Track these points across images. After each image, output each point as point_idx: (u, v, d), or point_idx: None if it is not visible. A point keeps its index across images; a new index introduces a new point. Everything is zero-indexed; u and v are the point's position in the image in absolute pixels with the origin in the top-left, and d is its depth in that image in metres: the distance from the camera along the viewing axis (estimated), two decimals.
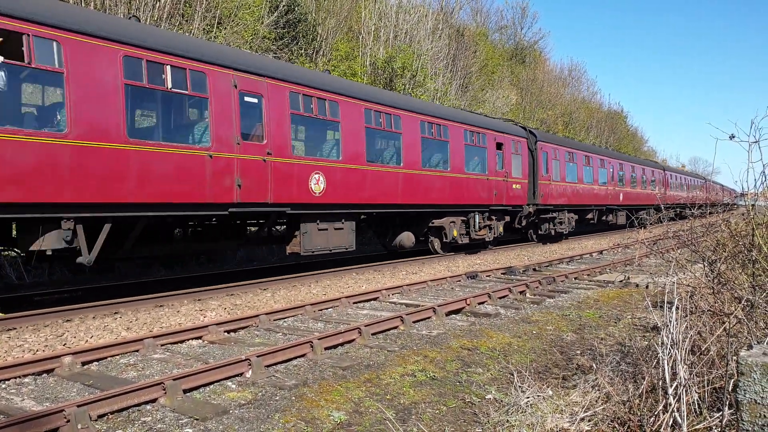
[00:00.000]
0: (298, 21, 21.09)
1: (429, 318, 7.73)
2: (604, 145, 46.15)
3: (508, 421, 3.99)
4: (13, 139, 6.56)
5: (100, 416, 4.19)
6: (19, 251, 7.77)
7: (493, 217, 16.66)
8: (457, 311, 8.23)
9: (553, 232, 20.32)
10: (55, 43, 7.00)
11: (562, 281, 11.25)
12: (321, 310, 8.35)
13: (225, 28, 17.25)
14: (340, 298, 8.78)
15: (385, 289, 9.62)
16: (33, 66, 6.92)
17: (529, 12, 48.58)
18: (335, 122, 11.08)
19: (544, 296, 9.57)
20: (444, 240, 15.04)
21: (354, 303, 8.89)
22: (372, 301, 9.17)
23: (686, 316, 4.08)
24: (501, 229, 17.24)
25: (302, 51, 21.29)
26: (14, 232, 8.02)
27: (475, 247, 16.80)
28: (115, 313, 8.00)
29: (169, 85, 8.23)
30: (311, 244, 10.71)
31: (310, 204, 10.43)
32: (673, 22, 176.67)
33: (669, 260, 6.58)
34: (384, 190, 12.15)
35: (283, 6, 19.67)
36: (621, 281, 11.06)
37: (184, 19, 16.54)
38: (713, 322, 4.32)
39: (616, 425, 3.58)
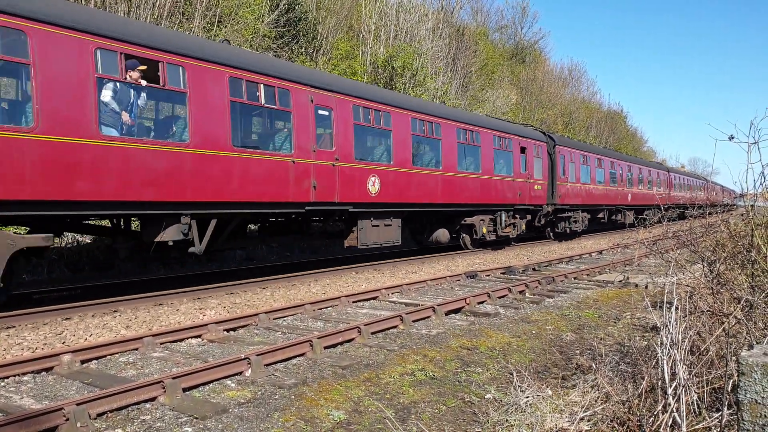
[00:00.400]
0: (299, 20, 21.08)
1: (428, 317, 7.73)
2: (604, 145, 46.17)
3: (507, 420, 3.99)
4: (151, 149, 7.96)
5: (100, 414, 4.19)
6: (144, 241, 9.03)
7: (517, 216, 17.88)
8: (456, 311, 8.23)
9: (568, 230, 21.42)
10: (181, 68, 8.39)
11: (561, 281, 11.25)
12: (320, 309, 8.35)
13: (225, 27, 17.24)
14: (339, 297, 8.78)
15: (385, 289, 9.62)
16: (166, 88, 8.36)
17: (529, 12, 48.60)
18: (388, 131, 12.53)
19: (543, 296, 9.57)
20: (474, 237, 16.27)
21: (353, 302, 8.89)
22: (371, 300, 9.17)
23: (685, 316, 4.08)
24: (524, 227, 18.39)
25: (302, 50, 21.27)
26: (132, 226, 9.55)
27: (499, 243, 17.97)
28: (115, 311, 8.00)
29: (262, 101, 9.70)
30: (366, 239, 12.06)
31: (367, 203, 11.79)
32: (673, 22, 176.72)
33: (668, 260, 6.58)
34: (426, 190, 13.52)
35: (284, 4, 19.66)
36: (620, 281, 11.07)
37: (185, 17, 16.53)
38: (712, 323, 4.33)
39: (616, 425, 3.59)
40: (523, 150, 17.87)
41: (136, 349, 6.06)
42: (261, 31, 18.30)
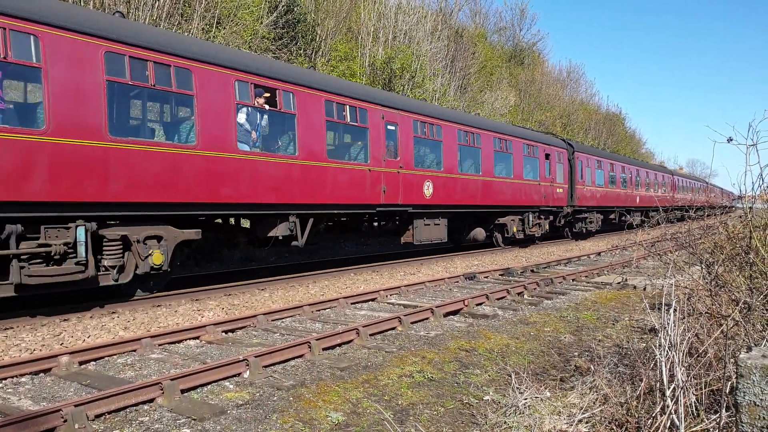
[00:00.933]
0: (298, 21, 21.09)
1: (427, 319, 7.73)
2: (602, 146, 46.24)
3: (505, 422, 3.99)
4: (271, 161, 9.84)
5: (98, 416, 4.18)
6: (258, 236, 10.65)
7: (542, 217, 19.59)
8: (455, 312, 8.23)
9: (584, 230, 23.18)
10: (291, 94, 10.21)
11: (560, 283, 11.26)
12: (319, 310, 8.35)
13: (224, 28, 17.24)
14: (338, 299, 8.78)
15: (383, 290, 9.62)
16: (281, 110, 10.14)
17: (528, 13, 48.74)
18: (439, 141, 14.37)
19: (542, 298, 9.58)
20: (505, 235, 17.94)
21: (352, 303, 8.89)
22: (370, 302, 9.17)
23: (684, 318, 4.09)
24: (547, 226, 19.98)
25: (301, 51, 21.28)
26: (240, 224, 11.52)
27: (526, 242, 19.43)
28: (113, 312, 7.98)
29: (348, 119, 11.57)
30: (420, 236, 13.70)
31: (422, 205, 13.55)
32: (672, 24, 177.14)
33: (667, 262, 6.59)
34: (468, 194, 15.32)
35: (283, 6, 19.66)
36: (619, 283, 11.07)
37: (183, 18, 16.53)
38: (711, 325, 4.33)
39: (614, 427, 3.59)
40: (547, 156, 19.62)
41: (135, 351, 6.05)
42: (260, 32, 18.31)
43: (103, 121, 7.54)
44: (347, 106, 11.43)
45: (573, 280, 11.76)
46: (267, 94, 9.82)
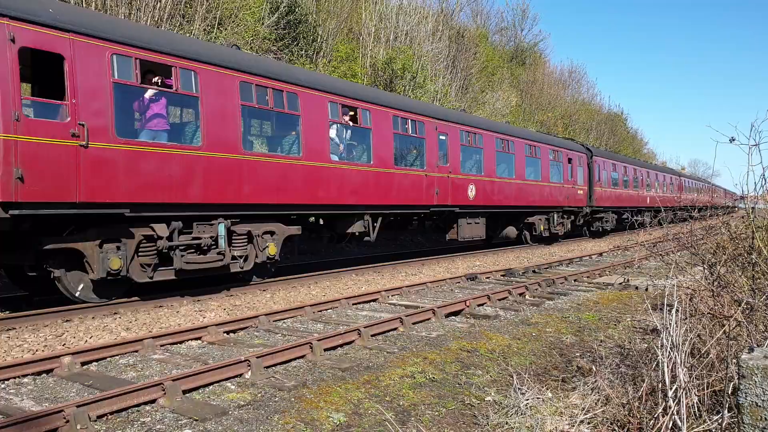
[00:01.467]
0: (299, 22, 21.09)
1: (428, 319, 7.73)
2: (604, 147, 46.21)
3: (507, 423, 3.99)
4: (354, 169, 11.68)
5: (100, 417, 4.18)
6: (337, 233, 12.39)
7: (565, 216, 21.35)
8: (456, 313, 8.23)
9: (600, 229, 24.80)
10: (368, 112, 12.11)
11: (561, 283, 11.25)
12: (320, 311, 8.35)
13: (226, 29, 17.25)
14: (339, 299, 8.78)
15: (385, 291, 9.62)
16: (361, 126, 12.03)
17: (529, 14, 48.56)
18: (480, 149, 16.11)
19: (543, 298, 9.57)
20: (533, 233, 19.49)
21: (353, 304, 8.89)
22: (371, 303, 9.17)
23: (686, 318, 4.08)
24: (569, 225, 21.70)
25: (302, 52, 21.29)
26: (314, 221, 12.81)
27: (550, 240, 20.91)
28: (115, 313, 7.99)
29: (410, 132, 13.43)
30: (463, 234, 15.38)
31: (467, 205, 15.20)
32: (673, 24, 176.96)
33: (668, 263, 6.58)
34: (504, 195, 16.99)
35: (284, 7, 19.68)
36: (620, 283, 11.06)
37: (185, 19, 16.55)
38: (713, 325, 4.32)
39: (616, 428, 3.58)
40: (569, 160, 21.46)
41: (136, 351, 6.06)
42: (261, 33, 18.32)
43: (239, 137, 9.29)
44: (409, 120, 13.38)
45: (575, 280, 11.75)
46: (351, 113, 11.71)
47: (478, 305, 8.70)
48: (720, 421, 3.07)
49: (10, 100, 6.57)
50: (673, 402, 3.19)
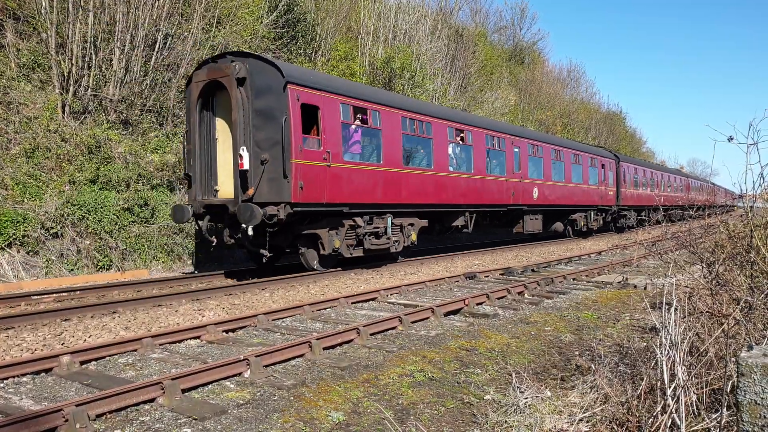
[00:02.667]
0: (297, 21, 21.06)
1: (427, 318, 7.73)
2: (603, 146, 46.25)
3: (506, 421, 3.99)
4: (462, 176, 15.11)
5: (99, 416, 4.18)
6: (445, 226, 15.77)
7: (599, 214, 24.70)
8: (455, 312, 8.23)
9: (625, 225, 27.72)
10: (470, 133, 15.73)
11: (560, 282, 11.25)
12: (319, 310, 8.35)
13: (224, 28, 17.22)
14: (338, 298, 8.78)
15: (384, 290, 9.62)
16: (466, 143, 15.60)
17: (528, 13, 48.62)
18: (541, 158, 19.73)
19: (542, 297, 9.57)
20: (575, 228, 22.91)
21: (352, 303, 8.89)
22: (370, 302, 9.17)
23: (684, 317, 4.09)
24: (601, 221, 25.03)
25: (301, 51, 21.27)
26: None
27: (586, 233, 23.97)
28: (114, 312, 7.99)
29: (496, 147, 16.92)
30: (527, 228, 18.89)
31: (531, 204, 18.78)
32: (672, 23, 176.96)
33: (667, 261, 6.59)
34: (557, 196, 20.63)
35: (283, 6, 19.64)
36: (619, 282, 11.07)
37: (183, 18, 16.51)
38: (711, 324, 4.33)
39: (615, 426, 3.59)
40: (602, 166, 25.12)
41: (135, 350, 6.06)
42: (260, 32, 18.29)
43: (401, 156, 13.01)
44: (495, 137, 16.98)
45: (574, 279, 11.76)
46: (462, 134, 15.28)
47: (477, 304, 8.70)
48: (719, 419, 3.08)
49: (298, 138, 10.24)
50: (672, 400, 3.19)
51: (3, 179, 11.65)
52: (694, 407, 3.39)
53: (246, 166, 10.00)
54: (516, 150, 17.88)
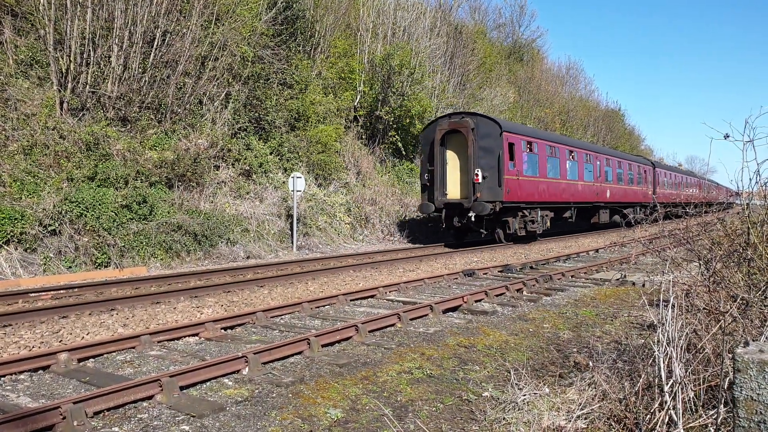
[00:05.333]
0: (296, 18, 21.00)
1: (426, 315, 7.73)
2: (601, 143, 46.30)
3: (504, 418, 4.00)
4: (571, 183, 21.94)
5: (96, 413, 4.18)
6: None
7: (641, 209, 28.79)
8: (454, 309, 8.24)
9: (659, 218, 32.64)
10: (576, 152, 22.62)
11: (558, 279, 11.26)
12: (318, 307, 8.35)
13: (223, 25, 17.18)
14: (337, 296, 8.78)
15: (383, 287, 9.62)
16: (575, 160, 22.36)
17: (527, 10, 48.56)
18: (610, 167, 26.00)
19: (540, 294, 9.58)
20: (626, 220, 26.58)
21: (351, 300, 8.89)
22: (369, 299, 9.17)
23: (682, 314, 4.09)
24: (642, 215, 27.84)
25: (300, 48, 21.22)
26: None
27: (631, 225, 29.02)
28: (112, 309, 7.99)
29: (586, 160, 23.18)
30: (600, 219, 25.07)
31: (605, 202, 24.96)
32: (670, 20, 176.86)
33: (665, 259, 6.59)
34: (619, 195, 26.72)
35: (282, 3, 19.59)
36: (617, 279, 11.08)
37: (182, 15, 16.47)
38: (709, 321, 4.33)
39: (613, 423, 3.60)
40: (645, 171, 31.33)
41: (134, 348, 6.06)
42: (259, 29, 18.25)
43: (546, 171, 19.41)
44: (587, 154, 23.66)
45: (572, 276, 11.77)
46: (572, 154, 21.91)
47: (476, 301, 8.71)
48: (716, 416, 3.09)
49: (506, 163, 16.94)
50: (670, 397, 3.20)
51: (1, 176, 11.64)
52: (692, 404, 3.40)
53: (479, 180, 16.94)
54: (597, 163, 24.46)
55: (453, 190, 17.74)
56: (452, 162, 17.85)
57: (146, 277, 10.74)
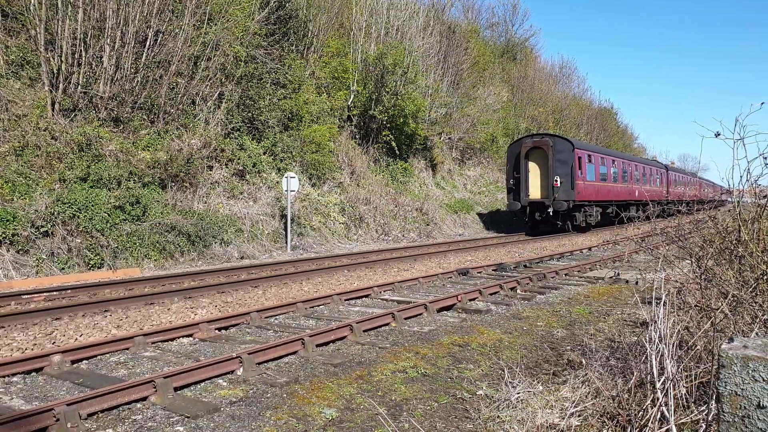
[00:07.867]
0: (289, 17, 20.96)
1: (420, 315, 7.75)
2: (595, 141, 46.51)
3: (498, 416, 4.02)
4: (617, 185, 28.98)
5: (90, 415, 4.17)
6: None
7: (659, 205, 35.71)
8: (448, 308, 8.26)
9: (669, 213, 34.79)
10: (612, 159, 28.94)
11: (552, 277, 11.31)
12: (312, 307, 8.35)
13: (215, 24, 17.12)
14: (331, 296, 8.78)
15: (377, 286, 9.63)
16: (616, 167, 29.40)
17: (520, 9, 48.74)
18: (638, 171, 31.61)
19: (534, 292, 9.62)
20: (646, 213, 28.20)
21: (345, 300, 8.89)
22: (363, 298, 9.18)
23: (674, 311, 4.12)
24: (659, 210, 36.04)
25: (293, 47, 21.19)
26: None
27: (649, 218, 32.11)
28: (105, 311, 7.96)
29: (623, 168, 29.75)
30: (631, 213, 25.91)
31: (634, 200, 29.59)
32: (662, 20, 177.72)
33: (657, 257, 6.62)
34: (648, 195, 31.03)
35: (274, 2, 19.55)
36: (611, 277, 11.14)
37: (174, 15, 16.40)
38: (700, 317, 4.37)
39: (606, 420, 3.62)
40: (660, 174, 37.10)
41: (127, 349, 6.04)
42: (251, 28, 18.20)
43: (599, 177, 25.60)
44: (625, 161, 30.11)
45: (566, 274, 11.82)
46: (614, 162, 27.52)
47: (470, 300, 8.73)
48: (707, 411, 3.12)
49: (576, 172, 22.96)
50: (662, 394, 3.23)
51: None
52: (684, 400, 3.43)
53: (557, 184, 22.44)
54: (629, 168, 29.92)
55: (534, 192, 23.64)
56: (533, 171, 23.84)
57: (140, 278, 10.70)
